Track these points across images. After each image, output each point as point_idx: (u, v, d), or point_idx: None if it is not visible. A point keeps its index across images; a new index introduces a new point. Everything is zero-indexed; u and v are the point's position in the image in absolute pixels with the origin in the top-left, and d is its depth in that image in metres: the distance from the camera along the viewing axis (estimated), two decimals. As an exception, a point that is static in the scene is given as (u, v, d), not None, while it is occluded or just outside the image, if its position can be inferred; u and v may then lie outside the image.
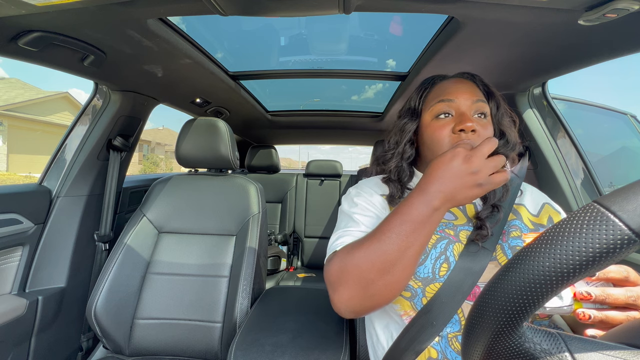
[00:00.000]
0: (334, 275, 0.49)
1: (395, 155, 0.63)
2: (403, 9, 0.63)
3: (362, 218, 0.58)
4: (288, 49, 1.24)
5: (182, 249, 1.01)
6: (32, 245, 0.98)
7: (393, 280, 0.45)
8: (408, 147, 0.62)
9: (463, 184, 0.43)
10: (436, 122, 0.57)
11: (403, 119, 0.64)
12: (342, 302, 0.48)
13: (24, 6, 0.56)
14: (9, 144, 11.35)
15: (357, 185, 0.69)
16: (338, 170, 2.27)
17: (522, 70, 0.91)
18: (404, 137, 0.62)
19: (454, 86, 0.59)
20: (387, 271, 0.45)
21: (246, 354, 0.61)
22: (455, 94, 0.57)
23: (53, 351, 1.00)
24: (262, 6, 0.60)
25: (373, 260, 0.45)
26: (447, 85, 0.60)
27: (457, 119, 0.56)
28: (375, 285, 0.45)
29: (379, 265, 0.45)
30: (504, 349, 0.25)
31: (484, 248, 0.51)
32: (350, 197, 0.65)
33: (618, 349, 0.24)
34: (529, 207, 0.59)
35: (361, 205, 0.61)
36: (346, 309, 0.49)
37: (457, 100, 0.57)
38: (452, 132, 0.55)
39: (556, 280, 0.23)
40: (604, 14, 0.54)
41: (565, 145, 1.04)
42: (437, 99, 0.58)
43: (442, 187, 0.44)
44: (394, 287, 0.46)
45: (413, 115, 0.62)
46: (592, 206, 0.23)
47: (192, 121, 1.11)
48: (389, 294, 0.47)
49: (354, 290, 0.47)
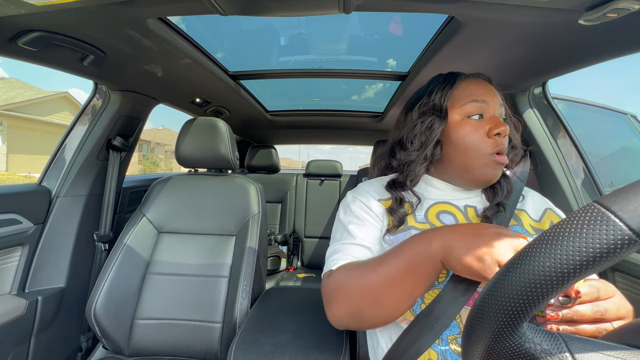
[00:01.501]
0: (327, 293, 0.51)
1: (422, 158, 0.58)
2: (403, 8, 0.63)
3: (356, 230, 0.57)
4: (288, 49, 1.24)
5: (182, 249, 1.01)
6: (31, 245, 0.98)
7: (382, 312, 0.46)
8: (438, 149, 0.58)
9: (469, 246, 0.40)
10: (469, 122, 0.55)
11: (426, 116, 0.58)
12: (334, 319, 0.51)
13: (23, 6, 0.56)
14: (8, 144, 11.34)
15: (354, 190, 0.66)
16: (338, 170, 2.27)
17: (523, 70, 0.91)
18: (433, 137, 0.57)
19: (483, 88, 0.58)
20: (376, 304, 0.46)
21: (246, 354, 0.61)
22: (486, 95, 0.56)
23: (53, 351, 1.00)
24: (262, 6, 0.60)
25: (364, 290, 0.46)
26: (475, 86, 0.58)
27: (491, 122, 0.54)
28: (364, 313, 0.47)
29: (370, 297, 0.46)
30: (504, 349, 0.25)
31: None
32: (347, 203, 0.63)
33: (618, 349, 0.24)
34: (530, 213, 0.59)
35: (356, 212, 0.59)
36: (338, 325, 0.51)
37: (490, 103, 0.56)
38: (487, 136, 0.54)
39: (556, 281, 0.23)
40: (604, 14, 0.54)
41: (566, 145, 1.04)
42: (469, 99, 0.56)
43: (446, 239, 0.42)
44: (383, 319, 0.47)
45: (440, 113, 0.58)
46: (593, 206, 0.23)
47: (192, 121, 1.11)
48: (378, 323, 0.48)
49: (345, 312, 0.49)
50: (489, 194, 0.60)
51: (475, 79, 0.60)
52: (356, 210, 0.60)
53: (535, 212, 0.59)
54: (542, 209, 0.60)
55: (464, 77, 0.60)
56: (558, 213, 0.59)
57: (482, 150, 0.54)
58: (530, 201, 0.61)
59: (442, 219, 0.57)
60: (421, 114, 0.60)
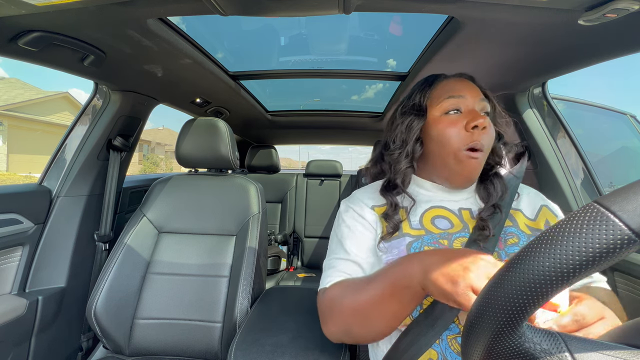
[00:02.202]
0: (322, 310, 0.54)
1: (404, 154, 0.60)
2: (403, 9, 0.63)
3: (349, 243, 0.58)
4: (288, 49, 1.24)
5: (182, 249, 1.01)
6: (32, 245, 0.98)
7: (372, 330, 0.48)
8: (418, 145, 0.60)
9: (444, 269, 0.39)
10: (447, 118, 0.57)
11: (407, 116, 0.61)
12: (329, 334, 0.53)
13: (24, 6, 0.56)
14: (9, 144, 11.34)
15: (348, 198, 0.67)
16: (338, 170, 2.27)
17: (522, 70, 0.91)
18: (412, 134, 0.59)
19: (461, 84, 0.59)
20: (366, 323, 0.47)
21: (246, 354, 0.61)
22: (464, 91, 0.57)
23: (53, 351, 1.00)
24: (262, 6, 0.60)
25: (354, 310, 0.48)
26: (453, 83, 0.59)
27: (468, 115, 0.55)
28: (355, 331, 0.49)
29: (359, 316, 0.48)
30: (504, 349, 0.25)
31: (485, 249, 0.51)
32: (340, 213, 0.64)
33: (618, 349, 0.24)
34: (525, 212, 0.59)
35: (349, 223, 0.60)
36: (333, 340, 0.54)
37: (467, 97, 0.57)
38: (465, 130, 0.54)
39: (556, 280, 0.23)
40: (604, 14, 0.54)
41: (565, 145, 1.04)
42: (447, 95, 0.57)
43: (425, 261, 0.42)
44: (373, 336, 0.49)
45: (419, 112, 0.60)
46: (592, 206, 0.23)
47: (192, 121, 1.11)
48: (369, 339, 0.50)
49: (338, 329, 0.51)
50: (482, 194, 0.60)
51: (454, 78, 0.61)
52: (349, 220, 0.61)
53: (531, 210, 0.59)
54: (537, 206, 0.59)
55: (444, 77, 0.62)
56: (553, 210, 0.58)
57: (457, 144, 0.54)
58: (525, 199, 0.60)
59: (437, 223, 0.57)
60: (402, 114, 0.63)
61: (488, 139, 0.55)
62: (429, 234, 0.55)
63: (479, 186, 0.62)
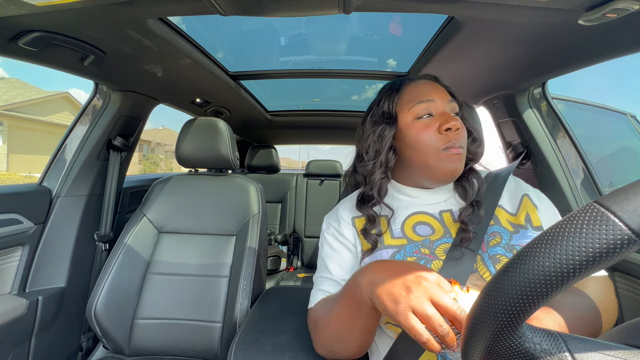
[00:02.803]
0: (310, 330, 0.56)
1: (378, 165, 0.59)
2: (403, 9, 0.63)
3: (331, 265, 0.58)
4: (288, 49, 1.24)
5: (182, 249, 1.01)
6: (32, 245, 0.98)
7: (350, 347, 0.49)
8: (391, 154, 0.59)
9: (388, 286, 0.39)
10: (419, 123, 0.56)
11: (377, 125, 0.60)
12: (319, 351, 0.55)
13: (24, 6, 0.56)
14: (9, 144, 11.35)
15: (329, 214, 0.67)
16: (338, 170, 2.27)
17: (522, 70, 0.91)
18: (385, 143, 0.59)
19: (428, 87, 0.59)
20: (341, 341, 0.49)
21: (246, 354, 0.61)
22: (432, 94, 0.57)
23: (53, 351, 1.00)
24: (262, 6, 0.60)
25: (328, 330, 0.50)
26: (420, 87, 0.59)
27: (441, 118, 0.55)
28: (336, 348, 0.51)
29: (334, 336, 0.49)
30: (504, 349, 0.25)
31: (469, 249, 0.51)
32: (322, 230, 0.65)
33: (618, 349, 0.24)
34: (506, 207, 0.58)
35: (330, 242, 0.61)
36: (325, 356, 0.55)
37: (437, 100, 0.57)
38: (439, 132, 0.54)
39: (556, 280, 0.23)
40: (604, 14, 0.54)
41: (565, 145, 1.04)
42: (416, 100, 0.57)
43: (372, 276, 0.42)
44: (355, 350, 0.50)
45: (389, 120, 0.59)
46: (592, 206, 0.23)
47: (192, 121, 1.11)
48: (353, 355, 0.51)
49: (323, 348, 0.54)
50: (460, 192, 0.60)
51: (419, 81, 0.61)
52: (330, 239, 0.62)
53: (512, 203, 0.58)
54: (518, 197, 0.58)
55: (409, 80, 0.62)
56: (534, 200, 0.57)
57: (435, 146, 0.54)
58: (505, 193, 0.59)
59: (419, 231, 0.57)
60: (373, 124, 0.61)
61: (462, 138, 0.56)
62: (411, 242, 0.55)
63: (456, 185, 0.62)
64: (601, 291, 0.48)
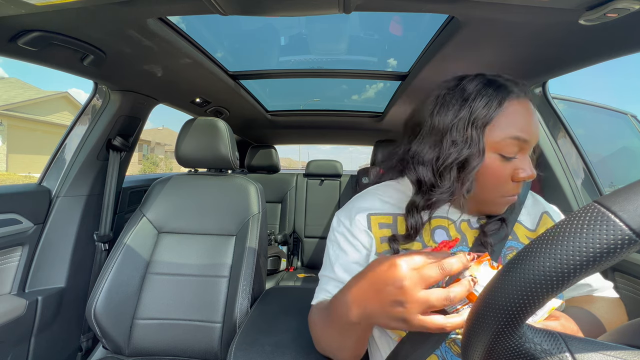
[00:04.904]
0: (310, 329, 0.56)
1: (451, 190, 0.48)
2: (403, 8, 0.63)
3: (338, 267, 0.54)
4: (288, 49, 1.24)
5: (182, 249, 1.01)
6: (31, 245, 0.98)
7: (344, 353, 0.49)
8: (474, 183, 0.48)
9: (384, 312, 0.36)
10: (499, 162, 0.47)
11: (463, 146, 0.46)
12: (317, 348, 0.55)
13: (23, 6, 0.56)
14: (8, 144, 11.34)
15: (341, 210, 0.59)
16: (338, 170, 2.27)
17: (523, 70, 0.90)
18: (468, 176, 0.46)
19: (530, 117, 0.47)
20: (336, 347, 0.49)
21: (246, 354, 0.61)
22: (530, 131, 0.46)
23: (53, 351, 1.00)
24: (262, 6, 0.60)
25: (322, 335, 0.51)
26: (522, 113, 0.47)
27: (522, 164, 0.47)
28: (331, 352, 0.51)
29: (328, 341, 0.50)
30: (504, 349, 0.25)
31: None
32: (333, 228, 0.59)
33: (618, 349, 0.24)
34: (525, 223, 0.56)
35: (340, 242, 0.56)
36: (322, 353, 0.55)
37: (530, 142, 0.47)
38: (512, 179, 0.47)
39: (557, 280, 0.23)
40: (604, 14, 0.54)
41: (566, 145, 1.04)
42: (512, 134, 0.46)
43: (362, 305, 0.39)
44: (349, 357, 0.49)
45: (477, 144, 0.46)
46: (593, 206, 0.23)
47: (192, 121, 1.11)
48: (348, 358, 0.50)
49: (320, 348, 0.54)
50: None
51: (522, 99, 0.48)
52: (340, 238, 0.56)
53: (531, 219, 0.57)
54: (538, 214, 0.57)
55: (515, 95, 0.48)
56: (554, 217, 0.56)
57: (500, 192, 0.49)
58: (524, 210, 0.57)
59: (436, 236, 0.53)
60: (453, 143, 0.48)
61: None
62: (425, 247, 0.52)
63: None
64: (612, 311, 0.48)
